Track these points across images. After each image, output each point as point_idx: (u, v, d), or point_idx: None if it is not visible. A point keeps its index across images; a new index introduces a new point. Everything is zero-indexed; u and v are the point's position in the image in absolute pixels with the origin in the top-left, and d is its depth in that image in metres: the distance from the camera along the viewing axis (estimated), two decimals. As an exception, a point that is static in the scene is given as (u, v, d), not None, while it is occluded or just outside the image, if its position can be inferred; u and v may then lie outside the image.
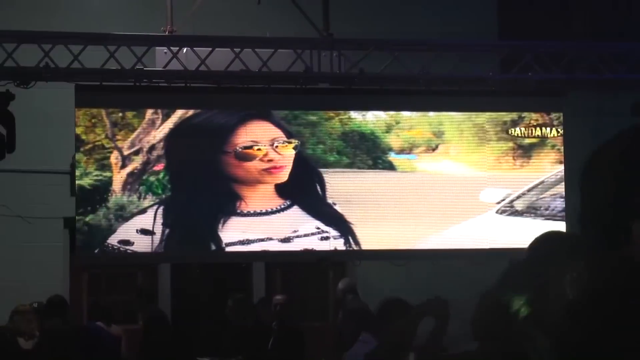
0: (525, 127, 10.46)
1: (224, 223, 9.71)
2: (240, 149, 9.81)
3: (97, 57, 9.50)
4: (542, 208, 10.33)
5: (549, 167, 10.47)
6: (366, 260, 10.81)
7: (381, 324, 6.11)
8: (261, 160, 9.86)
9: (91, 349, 9.41)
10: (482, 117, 10.42)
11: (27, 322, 9.34)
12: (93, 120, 9.68)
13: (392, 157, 10.22)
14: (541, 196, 10.42)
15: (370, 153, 10.18)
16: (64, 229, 11.77)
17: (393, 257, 10.44)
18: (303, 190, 9.99)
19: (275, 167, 9.87)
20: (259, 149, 9.85)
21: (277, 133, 9.96)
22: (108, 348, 9.74)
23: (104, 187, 9.57)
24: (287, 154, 9.95)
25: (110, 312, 10.14)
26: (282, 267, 12.74)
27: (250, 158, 9.84)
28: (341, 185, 10.08)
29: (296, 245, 9.91)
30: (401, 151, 10.27)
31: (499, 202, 10.29)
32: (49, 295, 10.25)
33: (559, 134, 10.50)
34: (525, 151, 10.42)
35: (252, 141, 9.86)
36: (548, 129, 10.48)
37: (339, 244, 9.97)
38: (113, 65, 9.48)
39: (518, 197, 10.35)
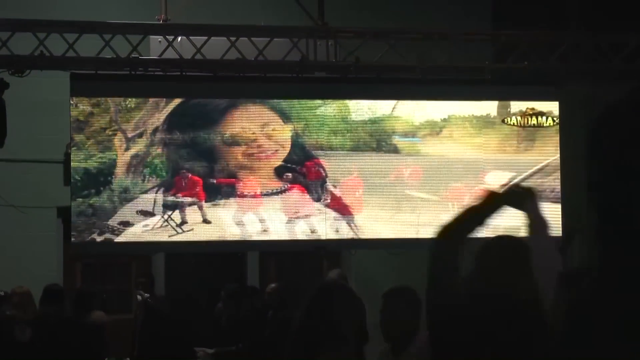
0: (521, 116, 10.47)
1: (223, 206, 9.77)
2: (228, 136, 9.84)
3: (92, 45, 9.47)
4: (547, 190, 10.34)
5: (553, 150, 10.48)
6: (363, 249, 10.82)
7: None
8: (249, 145, 9.87)
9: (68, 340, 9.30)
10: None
11: (24, 307, 9.27)
12: (93, 101, 9.69)
13: (397, 140, 10.25)
14: (546, 179, 10.45)
15: (374, 136, 10.20)
16: (57, 218, 11.73)
17: (390, 246, 10.45)
18: (304, 173, 10.01)
19: (262, 153, 9.90)
20: (252, 133, 9.87)
21: (271, 117, 9.96)
22: (83, 339, 9.58)
23: (108, 169, 9.61)
24: (280, 139, 9.96)
25: (92, 298, 10.05)
26: (276, 256, 12.72)
27: (238, 143, 9.86)
28: (344, 169, 10.12)
29: (292, 229, 9.94)
30: (405, 134, 10.29)
31: (503, 185, 10.33)
32: (42, 285, 10.19)
33: (554, 123, 10.51)
34: (529, 134, 10.46)
35: (241, 128, 9.87)
36: (544, 117, 10.49)
37: (339, 227, 10.02)
38: (108, 53, 9.45)
39: (522, 180, 10.38)
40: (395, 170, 10.25)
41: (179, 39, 9.68)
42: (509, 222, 4.03)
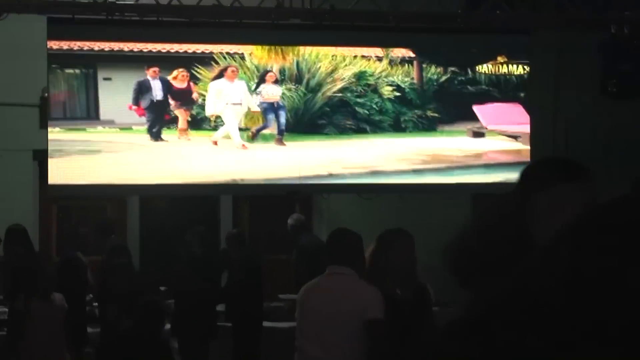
0: (492, 64, 10.66)
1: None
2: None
3: (69, -11, 9.51)
4: None
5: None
6: (335, 193, 11.02)
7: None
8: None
9: (72, 279, 9.51)
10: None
11: None
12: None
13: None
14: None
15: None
16: (33, 161, 11.79)
17: (362, 190, 10.67)
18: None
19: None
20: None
21: None
22: (82, 278, 9.87)
23: None
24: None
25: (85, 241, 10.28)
26: (250, 200, 12.86)
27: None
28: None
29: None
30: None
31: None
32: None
33: (525, 71, 10.70)
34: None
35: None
36: (514, 66, 10.68)
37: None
38: (85, -3, 9.51)
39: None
40: None
41: (155, -16, 9.75)
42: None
